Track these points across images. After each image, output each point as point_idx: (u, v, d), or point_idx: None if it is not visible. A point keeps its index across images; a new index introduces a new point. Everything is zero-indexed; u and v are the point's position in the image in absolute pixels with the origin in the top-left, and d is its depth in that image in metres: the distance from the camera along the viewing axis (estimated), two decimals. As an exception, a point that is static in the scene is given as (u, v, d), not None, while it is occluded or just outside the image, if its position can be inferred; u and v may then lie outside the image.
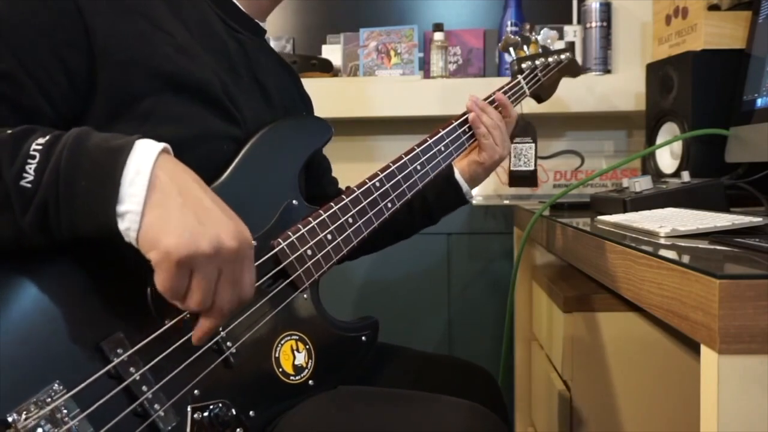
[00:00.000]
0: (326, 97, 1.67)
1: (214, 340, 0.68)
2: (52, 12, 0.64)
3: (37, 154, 0.56)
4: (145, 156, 0.57)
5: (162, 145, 0.59)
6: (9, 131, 0.58)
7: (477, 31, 1.75)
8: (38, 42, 0.63)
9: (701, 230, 0.73)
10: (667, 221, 0.81)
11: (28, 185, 0.55)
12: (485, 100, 1.08)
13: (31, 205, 0.55)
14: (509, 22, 1.69)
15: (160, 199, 0.56)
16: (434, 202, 1.10)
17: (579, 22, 1.76)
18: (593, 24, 1.67)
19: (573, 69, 1.29)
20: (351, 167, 1.18)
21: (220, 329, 0.69)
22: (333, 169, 1.14)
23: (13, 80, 0.62)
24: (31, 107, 0.63)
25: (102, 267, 0.62)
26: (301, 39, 1.86)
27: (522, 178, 1.25)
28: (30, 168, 0.56)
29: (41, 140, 0.57)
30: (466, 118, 1.05)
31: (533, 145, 1.24)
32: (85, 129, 0.59)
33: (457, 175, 1.09)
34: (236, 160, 0.75)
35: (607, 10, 1.67)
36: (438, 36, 1.67)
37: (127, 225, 0.56)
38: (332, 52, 1.78)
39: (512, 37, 1.24)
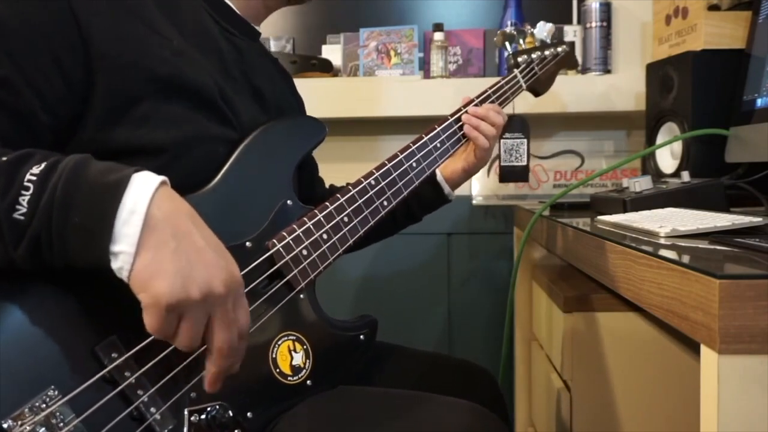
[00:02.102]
0: (326, 97, 1.67)
1: None
2: (48, 16, 0.64)
3: (31, 186, 0.55)
4: (140, 194, 0.56)
5: (159, 179, 0.58)
6: (5, 158, 0.56)
7: (477, 31, 1.75)
8: (35, 45, 0.63)
9: (701, 230, 0.73)
10: (667, 221, 0.81)
11: (21, 217, 0.54)
12: (478, 97, 1.08)
13: (24, 238, 0.55)
14: (509, 22, 1.69)
15: (154, 242, 0.55)
16: (414, 202, 1.10)
17: (579, 22, 1.76)
18: (593, 24, 1.67)
19: (570, 61, 1.28)
20: (351, 167, 1.18)
21: None
22: (333, 169, 1.14)
23: (10, 84, 0.62)
24: (27, 111, 0.63)
25: (96, 271, 0.61)
26: (301, 39, 1.86)
27: (512, 174, 1.24)
28: (23, 200, 0.54)
29: (36, 169, 0.56)
30: (462, 114, 1.04)
31: (525, 140, 1.23)
32: (82, 159, 0.58)
33: (439, 178, 1.10)
34: (229, 162, 0.74)
35: (607, 10, 1.67)
36: (438, 36, 1.67)
37: (120, 265, 0.55)
38: (332, 52, 1.78)
39: (508, 31, 1.24)
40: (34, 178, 0.55)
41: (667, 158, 1.34)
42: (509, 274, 1.73)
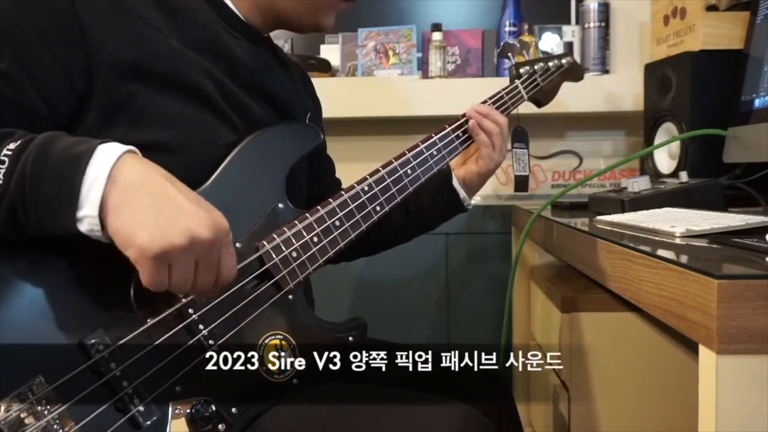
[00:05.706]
0: (324, 97, 1.65)
1: (196, 337, 0.69)
2: (49, 12, 0.65)
3: (7, 160, 0.59)
4: (104, 161, 0.59)
5: (125, 147, 0.61)
6: None
7: (475, 31, 1.75)
8: (36, 42, 0.64)
9: (716, 230, 0.73)
10: (677, 221, 0.80)
11: None
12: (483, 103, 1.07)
13: (1, 208, 0.59)
14: (507, 23, 1.70)
15: (127, 200, 0.59)
16: (429, 206, 1.09)
17: (577, 22, 1.76)
18: (591, 24, 1.67)
19: (575, 73, 1.28)
20: (349, 167, 1.18)
21: (202, 327, 0.70)
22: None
23: (10, 78, 0.64)
24: (28, 105, 0.65)
25: (85, 264, 0.64)
26: (299, 39, 1.85)
27: (521, 183, 1.26)
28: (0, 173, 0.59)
29: (12, 146, 0.60)
30: (460, 123, 1.04)
31: (527, 151, 1.25)
32: (51, 135, 0.61)
33: (455, 182, 1.08)
34: (223, 165, 0.76)
35: (605, 11, 1.67)
36: (436, 36, 1.67)
37: (88, 228, 0.59)
38: (331, 52, 1.78)
39: (511, 42, 1.24)
40: (9, 153, 0.59)
41: (665, 158, 1.34)
42: (507, 274, 1.72)
